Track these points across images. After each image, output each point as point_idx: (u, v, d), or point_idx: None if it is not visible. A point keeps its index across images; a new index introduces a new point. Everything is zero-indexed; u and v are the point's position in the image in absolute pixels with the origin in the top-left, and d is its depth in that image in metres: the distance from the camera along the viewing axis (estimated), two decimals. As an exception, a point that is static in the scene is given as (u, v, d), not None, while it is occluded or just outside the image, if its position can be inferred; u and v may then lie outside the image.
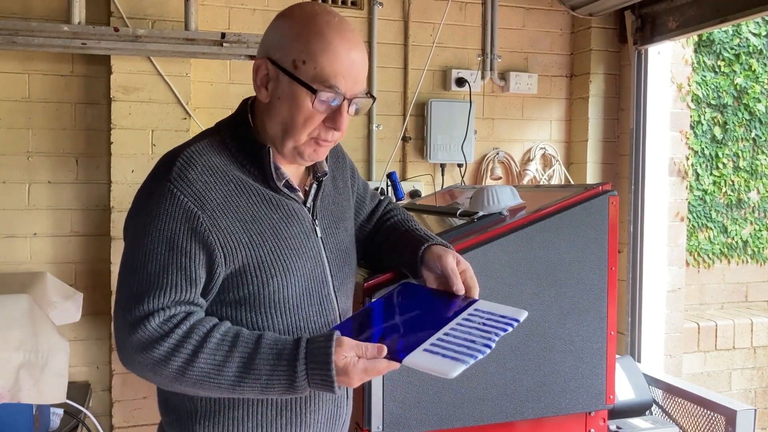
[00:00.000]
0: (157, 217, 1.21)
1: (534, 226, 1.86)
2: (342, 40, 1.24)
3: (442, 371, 1.15)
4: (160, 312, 1.19)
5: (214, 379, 1.18)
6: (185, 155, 1.26)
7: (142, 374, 1.22)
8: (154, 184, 1.25)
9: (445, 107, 3.36)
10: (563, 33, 3.63)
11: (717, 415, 2.35)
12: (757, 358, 4.20)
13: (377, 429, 1.72)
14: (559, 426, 1.94)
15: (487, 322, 1.26)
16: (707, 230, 4.32)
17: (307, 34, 1.23)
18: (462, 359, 1.16)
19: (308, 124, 1.26)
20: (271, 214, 1.29)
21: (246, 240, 1.25)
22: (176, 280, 1.21)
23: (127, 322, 1.19)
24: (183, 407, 1.32)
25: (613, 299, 1.95)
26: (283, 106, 1.26)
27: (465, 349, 1.18)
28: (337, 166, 1.51)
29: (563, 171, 3.61)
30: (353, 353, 1.17)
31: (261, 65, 1.27)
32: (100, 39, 2.70)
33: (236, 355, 1.18)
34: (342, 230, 1.45)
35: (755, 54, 4.35)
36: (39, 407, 2.22)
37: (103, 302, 2.91)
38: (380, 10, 3.29)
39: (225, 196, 1.25)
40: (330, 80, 1.22)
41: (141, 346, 1.18)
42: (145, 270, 1.20)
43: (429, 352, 1.19)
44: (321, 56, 1.22)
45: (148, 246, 1.21)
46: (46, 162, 2.88)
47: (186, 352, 1.18)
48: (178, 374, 1.19)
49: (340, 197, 1.48)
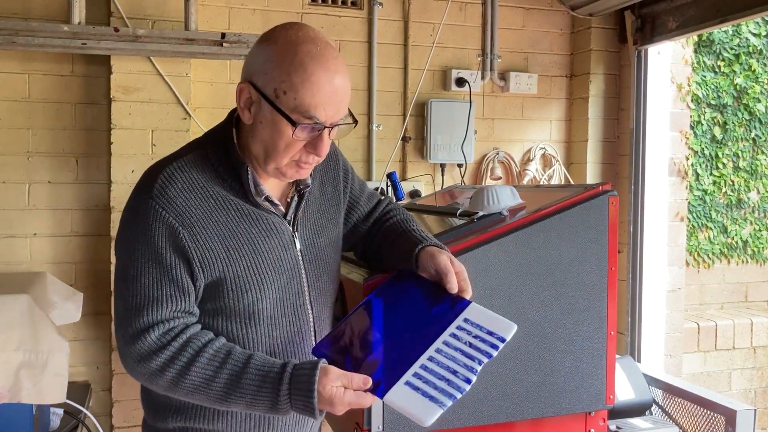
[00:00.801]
0: (142, 233, 1.27)
1: (534, 226, 1.86)
2: (324, 71, 1.24)
3: (419, 418, 1.18)
4: (159, 325, 1.27)
5: (203, 391, 1.26)
6: (166, 172, 1.30)
7: (141, 381, 1.32)
8: (137, 201, 1.30)
9: (445, 107, 3.36)
10: (563, 33, 3.63)
11: (717, 415, 2.35)
12: (757, 358, 4.20)
13: (377, 429, 1.72)
14: (559, 426, 1.94)
15: (473, 342, 1.28)
16: (707, 230, 4.32)
17: (288, 65, 1.24)
18: (440, 401, 1.19)
19: (289, 149, 1.28)
20: (250, 229, 1.33)
21: (224, 254, 1.30)
22: (170, 292, 1.27)
23: (127, 335, 1.27)
24: (160, 403, 1.40)
25: (613, 299, 1.94)
26: (265, 130, 1.29)
27: (446, 385, 1.21)
28: (327, 169, 1.52)
29: (563, 171, 3.61)
30: (339, 383, 1.22)
31: (244, 89, 1.30)
32: (100, 39, 2.70)
33: (225, 372, 1.25)
34: (324, 239, 1.47)
35: (755, 54, 4.35)
36: (39, 407, 2.22)
37: (103, 302, 2.91)
38: (380, 10, 3.29)
39: (204, 212, 1.29)
40: (310, 111, 1.24)
41: (140, 357, 1.26)
42: (140, 283, 1.27)
43: (410, 386, 1.21)
44: (301, 88, 1.23)
45: (139, 260, 1.27)
46: (46, 162, 2.89)
47: (179, 364, 1.25)
48: (172, 384, 1.27)
49: (327, 203, 1.50)
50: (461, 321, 1.31)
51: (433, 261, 1.38)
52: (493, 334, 1.29)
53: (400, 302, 1.39)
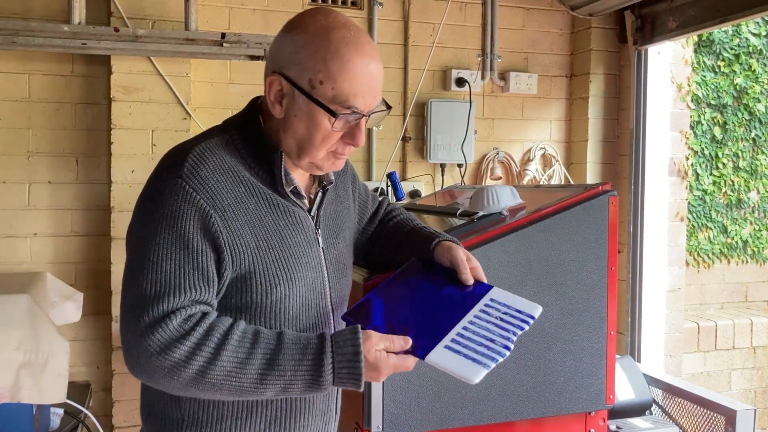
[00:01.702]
0: (168, 215, 1.16)
1: (534, 226, 1.86)
2: (360, 56, 1.19)
3: (466, 376, 1.14)
4: (179, 312, 1.14)
5: (235, 377, 1.14)
6: (197, 151, 1.21)
7: (155, 380, 1.15)
8: (162, 181, 1.19)
9: (445, 107, 3.36)
10: (563, 33, 3.63)
11: (717, 415, 2.35)
12: (757, 358, 4.20)
13: (377, 429, 1.72)
14: (559, 426, 1.94)
15: (504, 317, 1.26)
16: (707, 230, 4.32)
17: (324, 53, 1.17)
18: (484, 363, 1.16)
19: (326, 142, 1.23)
20: (278, 221, 1.26)
21: (254, 245, 1.21)
22: (193, 281, 1.16)
23: (141, 325, 1.12)
24: (168, 415, 1.27)
25: (613, 299, 1.95)
26: (300, 123, 1.22)
27: (486, 350, 1.18)
28: (338, 173, 1.47)
29: (563, 171, 3.61)
30: (382, 346, 1.16)
31: (274, 81, 1.22)
32: (100, 39, 2.70)
33: (258, 353, 1.14)
34: (341, 241, 1.42)
35: (755, 54, 4.35)
36: (39, 407, 2.22)
37: (103, 302, 2.91)
38: (380, 10, 3.29)
39: (236, 198, 1.21)
40: (349, 101, 1.19)
41: (159, 348, 1.11)
42: (161, 270, 1.15)
43: (450, 350, 1.18)
44: (339, 76, 1.17)
45: (162, 245, 1.15)
46: (46, 162, 2.89)
47: (208, 350, 1.13)
48: (198, 375, 1.13)
49: (341, 206, 1.46)
50: (488, 300, 1.30)
51: (450, 254, 1.36)
52: (521, 312, 1.27)
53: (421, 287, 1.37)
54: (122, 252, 1.26)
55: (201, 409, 1.25)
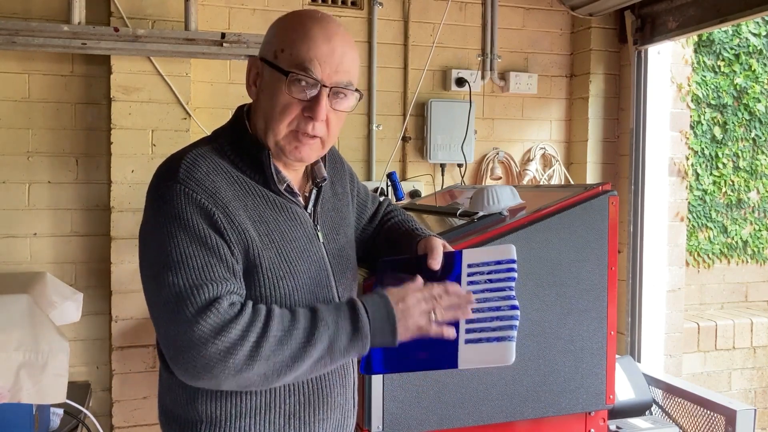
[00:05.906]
0: (176, 217, 1.18)
1: (534, 226, 1.86)
2: (322, 30, 1.25)
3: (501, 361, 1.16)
4: (222, 298, 1.15)
5: (286, 343, 1.15)
6: (189, 157, 1.25)
7: (208, 370, 1.13)
8: (161, 189, 1.22)
9: (445, 107, 3.36)
10: (563, 33, 3.63)
11: (717, 415, 2.35)
12: (757, 358, 4.20)
13: (377, 429, 1.72)
14: (559, 426, 1.94)
15: (491, 277, 1.27)
16: (707, 230, 4.32)
17: (290, 28, 1.27)
18: (507, 336, 1.18)
19: (285, 112, 1.25)
20: (277, 216, 1.29)
21: (257, 240, 1.23)
22: (222, 272, 1.18)
23: (188, 315, 1.12)
24: (187, 418, 1.29)
25: (613, 299, 1.95)
26: (265, 97, 1.28)
27: (499, 322, 1.20)
28: (335, 172, 1.50)
29: (563, 171, 3.61)
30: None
31: (252, 63, 1.32)
32: (100, 39, 2.70)
33: (301, 318, 1.18)
34: (342, 236, 1.44)
35: (755, 54, 4.35)
36: (39, 407, 2.22)
37: (103, 302, 2.91)
38: (380, 10, 3.29)
39: (233, 195, 1.24)
40: (305, 64, 1.23)
41: (214, 330, 1.11)
42: (188, 267, 1.15)
43: (472, 343, 1.19)
44: (298, 43, 1.24)
45: (180, 246, 1.17)
46: (46, 162, 2.88)
47: (258, 326, 1.14)
48: (253, 351, 1.13)
49: (339, 203, 1.48)
50: (466, 268, 1.30)
51: (427, 243, 1.38)
52: (500, 262, 1.28)
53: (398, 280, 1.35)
54: (122, 252, 1.26)
55: (218, 408, 1.27)
